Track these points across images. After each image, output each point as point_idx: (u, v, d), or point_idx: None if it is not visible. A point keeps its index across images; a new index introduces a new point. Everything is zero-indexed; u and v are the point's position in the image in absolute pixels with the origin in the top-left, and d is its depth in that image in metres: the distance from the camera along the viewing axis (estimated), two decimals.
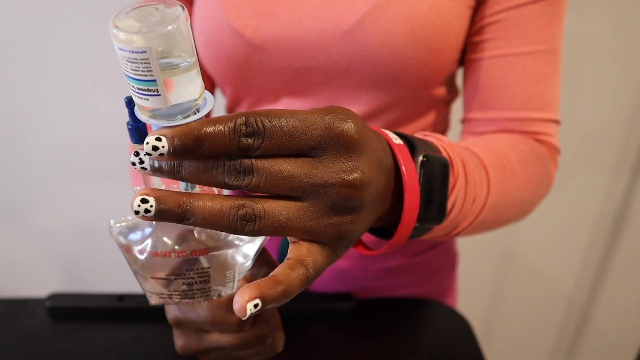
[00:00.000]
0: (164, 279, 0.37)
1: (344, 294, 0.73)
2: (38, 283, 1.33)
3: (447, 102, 0.66)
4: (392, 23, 0.53)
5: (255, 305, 0.27)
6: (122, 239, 0.37)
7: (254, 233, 0.28)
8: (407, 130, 0.63)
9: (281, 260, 0.76)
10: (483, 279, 1.45)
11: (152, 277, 0.37)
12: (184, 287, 0.38)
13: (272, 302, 0.28)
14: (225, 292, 0.40)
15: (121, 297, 0.70)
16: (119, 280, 1.30)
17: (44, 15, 1.01)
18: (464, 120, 0.62)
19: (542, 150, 0.57)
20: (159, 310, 0.69)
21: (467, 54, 0.60)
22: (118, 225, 0.37)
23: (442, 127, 0.69)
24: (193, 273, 0.37)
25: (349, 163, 0.29)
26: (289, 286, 0.28)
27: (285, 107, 0.61)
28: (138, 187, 0.33)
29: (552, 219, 1.33)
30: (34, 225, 1.26)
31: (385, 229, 0.41)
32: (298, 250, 0.30)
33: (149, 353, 0.64)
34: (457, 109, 0.69)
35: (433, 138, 0.43)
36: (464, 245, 0.96)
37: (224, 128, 0.26)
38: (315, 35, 0.55)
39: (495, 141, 0.54)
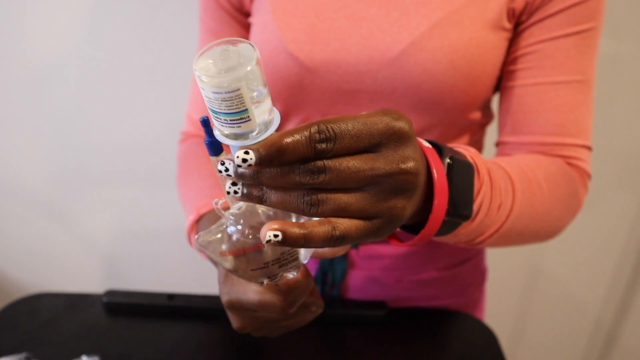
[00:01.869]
0: (262, 267, 0.42)
1: (378, 302, 0.77)
2: (86, 280, 1.41)
3: (482, 125, 0.70)
4: (434, 53, 0.58)
5: (275, 235, 0.32)
6: (217, 248, 0.42)
7: (317, 215, 0.33)
8: None
9: (322, 269, 0.80)
10: (510, 296, 1.46)
11: (251, 270, 0.42)
12: (280, 269, 0.43)
13: (290, 240, 0.32)
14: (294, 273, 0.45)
15: (171, 297, 0.76)
16: (157, 280, 1.37)
17: (97, 25, 1.08)
18: (498, 144, 0.66)
19: (571, 172, 0.60)
20: (206, 309, 0.75)
21: (502, 82, 0.64)
22: (204, 240, 0.42)
23: (476, 148, 0.73)
24: (286, 254, 0.42)
25: (405, 154, 0.33)
26: (310, 234, 0.33)
27: None
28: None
29: (582, 239, 1.33)
30: (83, 227, 1.33)
31: (415, 227, 0.44)
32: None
33: (197, 349, 0.70)
34: (492, 131, 0.73)
35: (461, 148, 0.47)
36: (493, 262, 0.98)
37: (301, 137, 0.31)
38: (363, 61, 0.60)
39: (523, 159, 0.58)
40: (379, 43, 0.59)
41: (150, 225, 1.30)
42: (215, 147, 0.36)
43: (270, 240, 0.32)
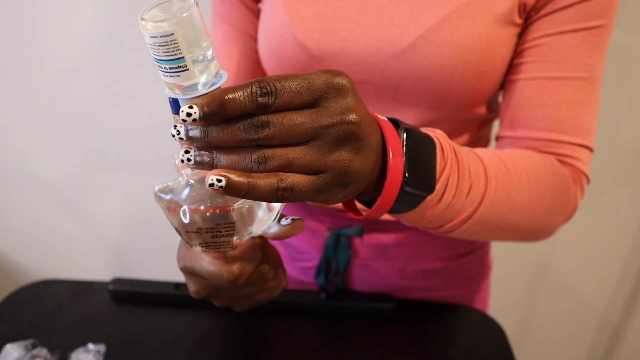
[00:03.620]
0: (196, 231, 0.43)
1: (385, 294, 0.77)
2: (93, 268, 1.41)
3: (489, 119, 0.69)
4: (443, 47, 0.57)
5: (219, 180, 0.32)
6: (165, 200, 0.43)
7: (265, 171, 0.34)
8: None
9: (326, 258, 0.79)
10: (516, 290, 1.46)
11: (188, 231, 0.43)
12: (212, 239, 0.43)
13: (234, 187, 0.33)
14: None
15: (177, 286, 0.76)
16: (164, 269, 1.37)
17: (106, 21, 1.08)
18: (497, 138, 0.65)
19: (563, 170, 0.57)
20: None
21: (507, 75, 0.62)
22: (161, 189, 0.43)
23: (482, 143, 0.72)
24: (221, 227, 0.43)
25: (345, 106, 0.34)
26: (255, 184, 0.33)
27: None
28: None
29: (588, 234, 1.33)
30: (91, 214, 1.34)
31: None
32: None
33: (203, 338, 0.69)
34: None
35: (427, 129, 0.46)
36: (499, 256, 0.98)
37: (243, 91, 0.32)
38: (371, 52, 0.60)
39: (507, 150, 0.56)
40: (388, 34, 0.59)
41: (158, 213, 1.30)
42: (178, 106, 0.37)
43: (213, 184, 0.32)
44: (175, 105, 0.37)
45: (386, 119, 0.41)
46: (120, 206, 1.32)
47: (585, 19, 0.56)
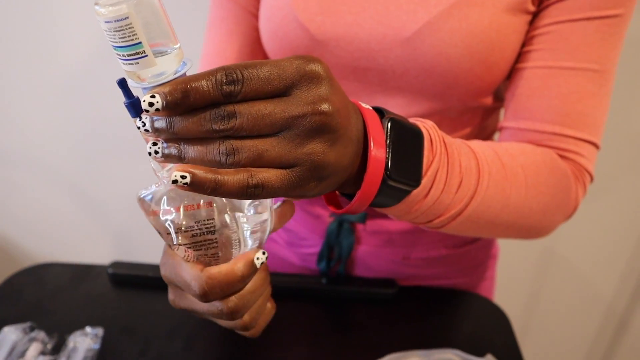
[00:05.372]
0: (175, 232, 0.41)
1: (387, 279, 0.75)
2: (95, 251, 1.41)
3: (496, 109, 0.67)
4: (451, 35, 0.54)
5: (183, 177, 0.31)
6: (146, 204, 0.42)
7: (234, 165, 0.32)
8: (453, 135, 0.64)
9: (328, 244, 0.77)
10: (522, 277, 1.45)
11: (168, 233, 0.41)
12: (192, 238, 0.42)
13: (199, 184, 0.31)
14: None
15: None
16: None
17: None
18: (500, 129, 0.62)
19: (564, 166, 0.55)
20: None
21: (515, 63, 0.59)
22: (143, 195, 0.43)
23: (488, 132, 0.70)
24: (200, 224, 0.41)
25: (318, 95, 0.32)
26: (222, 181, 0.31)
27: None
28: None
29: (596, 220, 1.31)
30: (94, 198, 1.34)
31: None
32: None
33: (202, 323, 0.69)
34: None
35: (417, 120, 0.43)
36: (505, 241, 0.96)
37: (207, 79, 0.30)
38: (376, 39, 0.57)
39: (505, 144, 0.53)
40: (394, 20, 0.56)
41: None
42: (136, 108, 0.36)
43: (177, 181, 0.31)
44: (131, 109, 0.35)
45: (370, 108, 0.39)
46: (122, 190, 1.31)
47: (600, 7, 0.52)
